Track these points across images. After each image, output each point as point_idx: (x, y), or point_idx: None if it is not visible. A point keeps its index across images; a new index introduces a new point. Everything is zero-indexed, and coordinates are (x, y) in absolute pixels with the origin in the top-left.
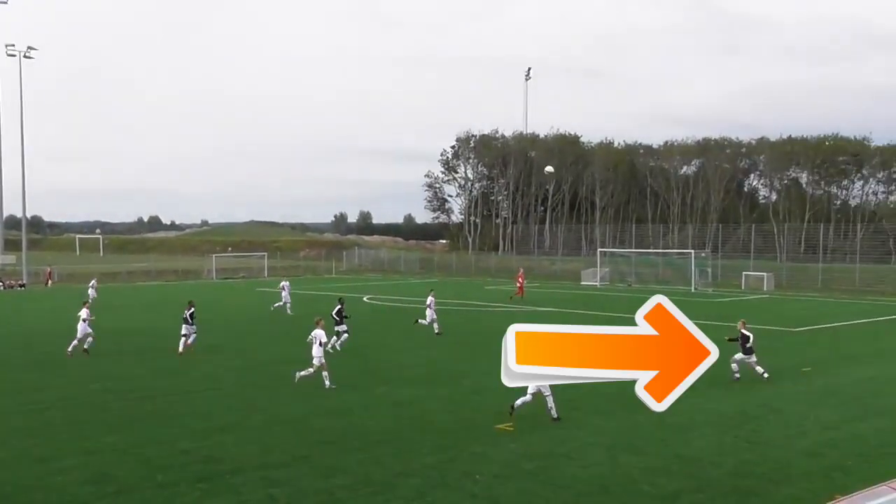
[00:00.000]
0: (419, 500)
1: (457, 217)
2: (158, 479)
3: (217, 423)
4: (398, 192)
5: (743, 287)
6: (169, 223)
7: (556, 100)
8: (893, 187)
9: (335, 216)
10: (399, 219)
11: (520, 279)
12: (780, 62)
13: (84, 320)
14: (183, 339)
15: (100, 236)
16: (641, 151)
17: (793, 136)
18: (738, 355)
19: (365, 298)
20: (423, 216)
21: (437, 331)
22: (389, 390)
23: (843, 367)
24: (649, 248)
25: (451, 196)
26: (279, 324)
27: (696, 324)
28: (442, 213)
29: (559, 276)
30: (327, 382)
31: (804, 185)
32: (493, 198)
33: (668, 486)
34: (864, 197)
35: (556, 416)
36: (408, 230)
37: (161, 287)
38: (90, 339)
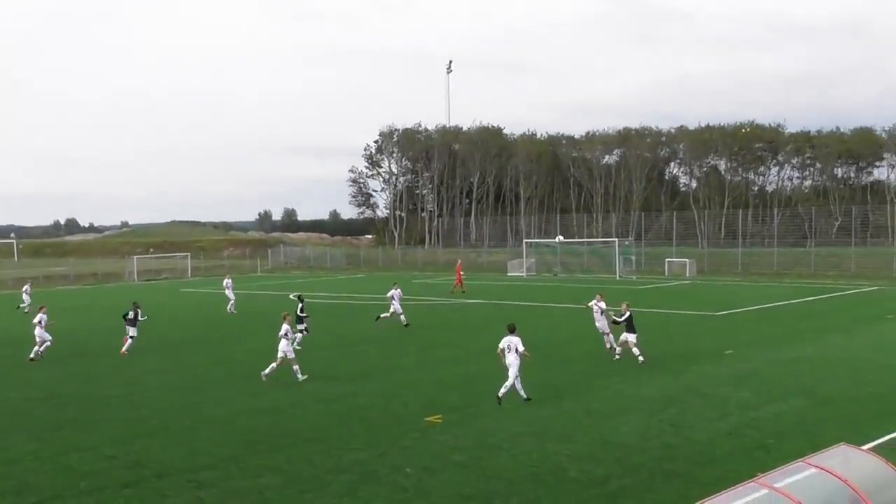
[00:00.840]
0: (350, 495)
1: (382, 212)
2: (81, 487)
3: (142, 428)
4: (323, 189)
5: (666, 273)
6: (87, 225)
7: (479, 93)
8: (807, 173)
9: (259, 214)
10: (324, 215)
11: (458, 272)
12: (696, 52)
13: (40, 324)
14: (131, 340)
15: (14, 241)
16: (564, 142)
17: (710, 124)
18: (628, 336)
19: (291, 296)
20: (349, 212)
21: (404, 322)
22: (318, 387)
23: (764, 350)
24: (574, 238)
25: (375, 191)
26: (205, 325)
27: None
28: (367, 208)
29: (486, 268)
30: (299, 376)
31: (723, 173)
32: (417, 192)
33: (596, 472)
34: (780, 183)
35: (525, 396)
36: (333, 226)
37: (80, 291)
38: (47, 343)
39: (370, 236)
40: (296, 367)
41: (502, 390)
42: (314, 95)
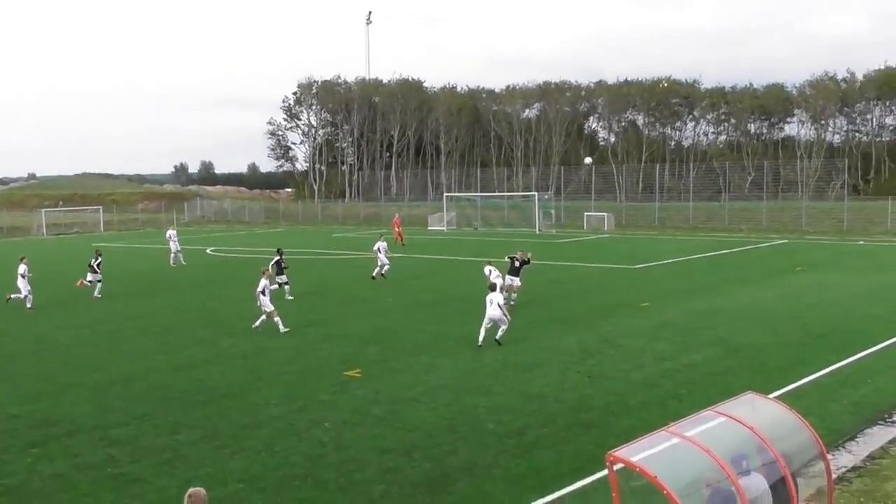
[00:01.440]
0: (267, 451)
1: (301, 165)
2: None
3: (51, 386)
4: (241, 141)
5: (585, 227)
6: None
7: (399, 45)
8: (722, 128)
9: (175, 167)
10: (243, 168)
11: (396, 226)
12: (616, 6)
13: (23, 276)
14: (97, 284)
15: None
16: (484, 96)
17: (629, 79)
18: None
19: (209, 251)
20: (268, 165)
21: (383, 273)
22: (235, 343)
23: (678, 301)
24: (494, 192)
25: (294, 144)
26: (119, 280)
27: (541, 265)
28: (286, 161)
29: (407, 221)
30: (281, 328)
31: (641, 127)
32: (337, 145)
33: (513, 424)
34: (696, 138)
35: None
36: (252, 180)
37: None
38: (29, 295)
39: (289, 190)
40: (277, 318)
41: (499, 333)
42: (232, 45)
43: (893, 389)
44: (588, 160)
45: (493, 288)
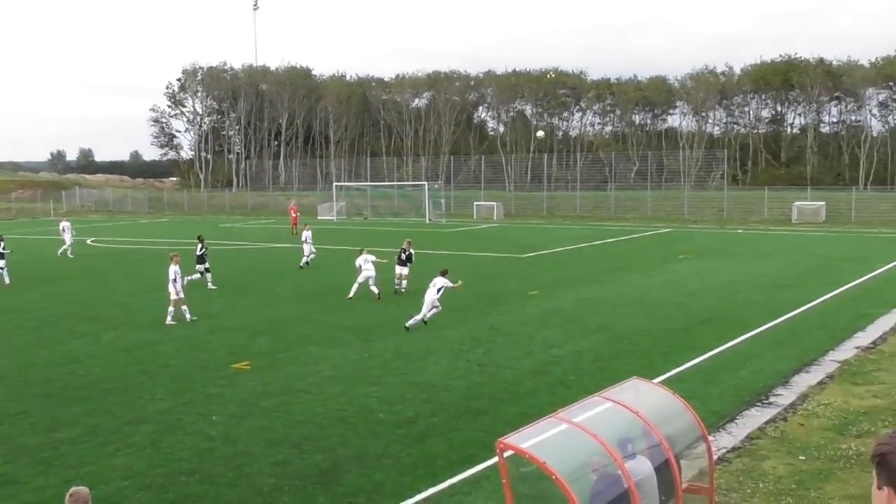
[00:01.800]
0: (153, 447)
1: (187, 153)
2: None
3: None
4: (122, 128)
5: (475, 217)
6: None
7: (287, 32)
8: (607, 119)
9: (52, 154)
10: (124, 156)
11: (293, 213)
12: None
13: None
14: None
15: None
16: (373, 84)
17: (517, 69)
18: (400, 269)
19: (89, 241)
20: (151, 153)
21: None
22: (118, 336)
23: (566, 289)
24: (384, 181)
25: (179, 131)
26: None
27: (431, 254)
28: (170, 149)
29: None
30: (188, 316)
31: (529, 117)
32: (224, 133)
33: (404, 413)
34: (583, 128)
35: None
36: (134, 168)
37: None
38: None
39: (174, 179)
40: (185, 307)
41: (414, 319)
42: (112, 29)
43: (770, 372)
44: (540, 133)
45: (443, 272)
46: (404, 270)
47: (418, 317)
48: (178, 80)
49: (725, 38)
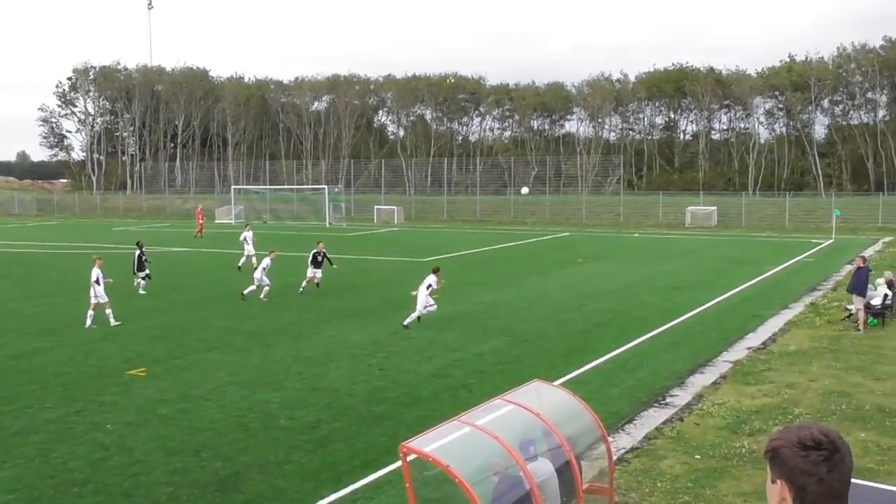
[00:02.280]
0: (42, 457)
1: (78, 154)
2: None
3: None
4: (8, 128)
5: (375, 221)
6: None
7: (183, 32)
8: (506, 124)
9: None
10: (11, 156)
11: (199, 218)
12: (404, 1)
13: None
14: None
15: None
16: (272, 87)
17: (417, 73)
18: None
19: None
20: (40, 153)
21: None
22: (5, 343)
23: (467, 293)
24: (283, 185)
25: (70, 132)
26: None
27: (334, 258)
28: (61, 150)
29: (192, 214)
30: (112, 321)
31: (429, 122)
32: (118, 134)
33: (306, 418)
34: (482, 133)
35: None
36: (21, 169)
37: None
38: None
39: (65, 181)
40: (108, 311)
41: (407, 320)
42: None
43: (667, 373)
44: (525, 190)
45: (434, 270)
46: (318, 272)
47: (413, 315)
48: (69, 78)
49: (620, 46)
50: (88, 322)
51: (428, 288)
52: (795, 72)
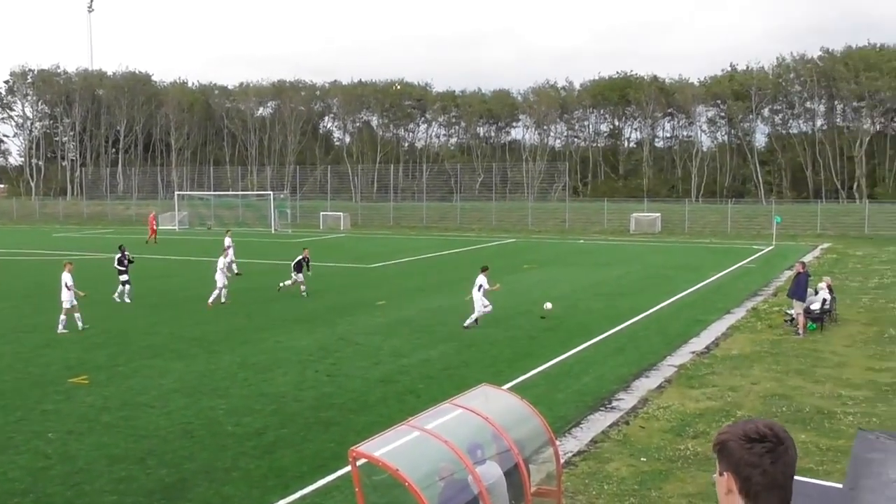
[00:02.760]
0: None
1: (16, 159)
2: None
3: None
4: None
5: (321, 227)
6: None
7: (125, 36)
8: (452, 131)
9: None
10: None
11: (152, 223)
12: (348, 8)
13: None
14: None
15: None
16: (216, 92)
17: (363, 80)
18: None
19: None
20: None
21: (236, 271)
22: None
23: (414, 299)
24: (228, 191)
25: (7, 136)
26: None
27: (275, 264)
28: None
29: (136, 220)
30: (80, 324)
31: (375, 128)
32: (57, 139)
33: (252, 425)
34: (429, 139)
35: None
36: None
37: None
38: None
39: (2, 186)
40: (77, 314)
41: (467, 321)
42: None
43: (612, 377)
44: (548, 305)
45: (483, 270)
46: (300, 276)
47: (473, 317)
48: (6, 82)
49: (566, 54)
50: (60, 327)
51: (479, 289)
52: (737, 81)
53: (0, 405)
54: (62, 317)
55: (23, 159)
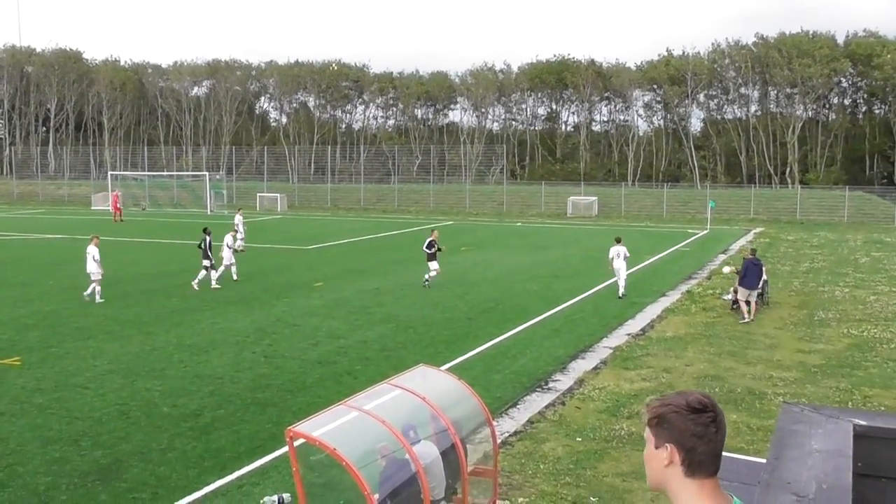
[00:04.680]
0: None
1: None
2: None
3: None
4: None
5: (258, 208)
6: None
7: (54, 12)
8: (390, 112)
9: None
10: None
11: (115, 202)
12: None
13: None
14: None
15: None
16: (150, 71)
17: (300, 60)
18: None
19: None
20: None
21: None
22: None
23: (351, 281)
24: (163, 171)
25: None
26: None
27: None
28: None
29: (68, 201)
30: (98, 298)
31: (312, 109)
32: None
33: (189, 406)
34: (366, 121)
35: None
36: None
37: None
38: None
39: None
40: (98, 288)
41: (621, 291)
42: None
43: (548, 358)
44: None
45: (618, 240)
46: (435, 264)
47: (622, 289)
48: None
49: (503, 36)
50: (97, 298)
51: (620, 256)
52: (673, 66)
53: None
54: (97, 287)
55: None
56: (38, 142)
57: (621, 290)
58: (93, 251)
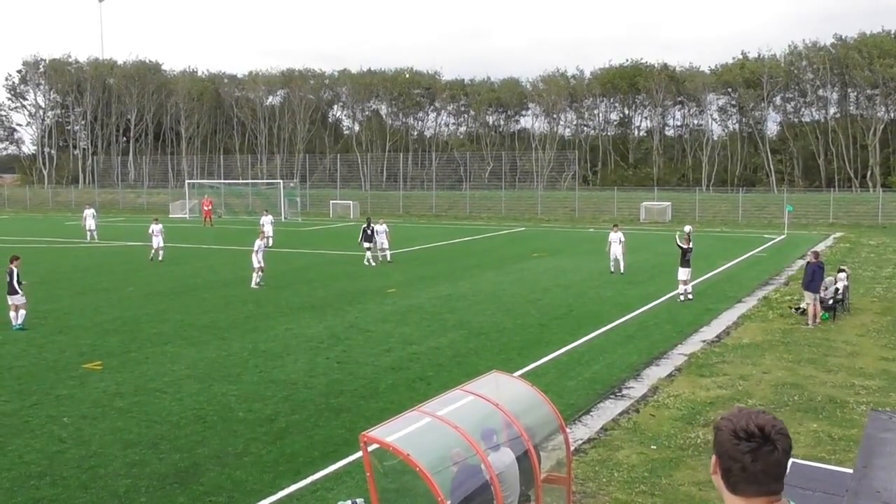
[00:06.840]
0: None
1: (29, 148)
2: None
3: None
4: None
5: (331, 215)
6: None
7: (135, 25)
8: (461, 119)
9: None
10: None
11: (206, 207)
12: None
13: None
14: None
15: None
16: (226, 81)
17: (372, 68)
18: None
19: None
20: None
21: (160, 258)
22: None
23: (424, 287)
24: (238, 179)
25: (20, 125)
26: None
27: (288, 252)
28: (11, 143)
29: (147, 209)
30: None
31: (384, 117)
32: (69, 128)
33: (264, 411)
34: (438, 128)
35: None
36: None
37: None
38: None
39: (15, 175)
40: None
41: (622, 269)
42: None
43: (622, 365)
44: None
45: (615, 226)
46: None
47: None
48: (19, 71)
49: (575, 42)
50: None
51: (617, 241)
52: (748, 69)
53: (16, 390)
54: (260, 274)
55: (35, 148)
56: (118, 151)
57: (622, 269)
58: (258, 244)
